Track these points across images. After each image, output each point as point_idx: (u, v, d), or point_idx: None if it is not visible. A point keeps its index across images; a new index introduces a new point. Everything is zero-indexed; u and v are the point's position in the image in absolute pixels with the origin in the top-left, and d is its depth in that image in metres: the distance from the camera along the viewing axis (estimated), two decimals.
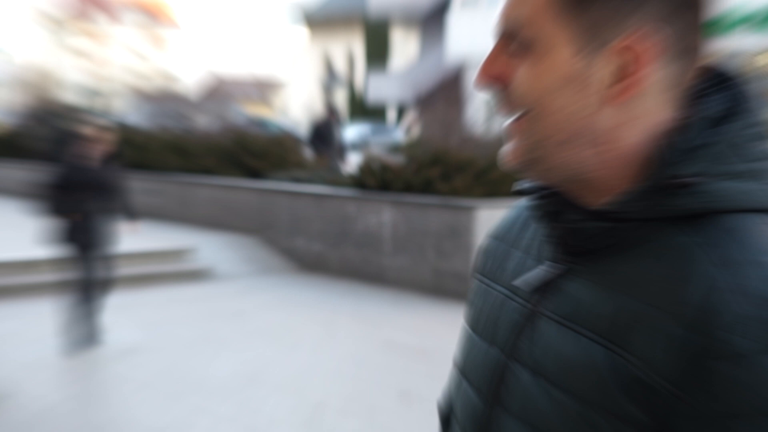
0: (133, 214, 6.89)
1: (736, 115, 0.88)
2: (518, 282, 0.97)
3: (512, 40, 0.88)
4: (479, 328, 1.03)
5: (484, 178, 9.61)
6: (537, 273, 0.95)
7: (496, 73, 0.90)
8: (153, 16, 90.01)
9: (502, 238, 1.11)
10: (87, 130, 6.56)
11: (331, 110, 17.59)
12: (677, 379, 0.76)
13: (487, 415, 0.96)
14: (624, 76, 0.84)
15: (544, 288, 0.93)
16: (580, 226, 0.90)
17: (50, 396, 5.42)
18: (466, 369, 1.04)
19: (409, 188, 9.85)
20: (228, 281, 9.52)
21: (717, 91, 0.90)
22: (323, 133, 15.11)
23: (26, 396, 5.40)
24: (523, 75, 0.87)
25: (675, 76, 0.86)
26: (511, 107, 0.90)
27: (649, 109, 0.86)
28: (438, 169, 9.74)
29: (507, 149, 0.93)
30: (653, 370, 0.77)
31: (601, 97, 0.85)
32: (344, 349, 6.81)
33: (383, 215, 9.79)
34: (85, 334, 6.36)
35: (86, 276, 6.29)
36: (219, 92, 46.24)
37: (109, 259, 6.66)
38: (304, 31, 47.04)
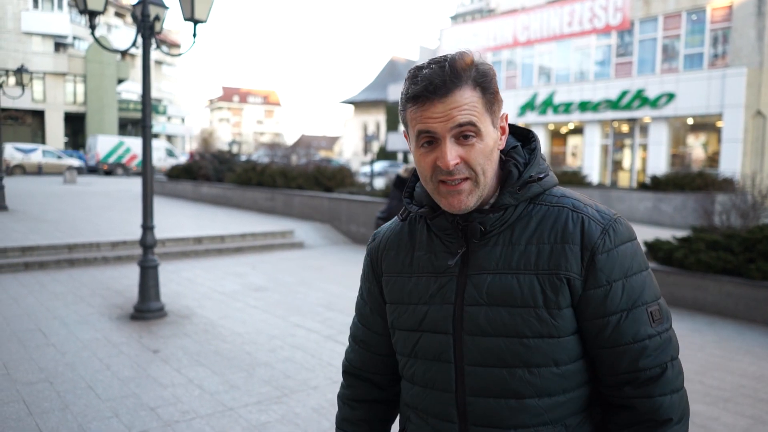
0: None
1: (531, 143, 0.98)
2: (449, 263, 0.93)
3: (463, 134, 0.87)
4: (423, 300, 0.95)
5: None
6: (456, 255, 0.93)
7: (457, 157, 0.88)
8: (266, 98, 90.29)
9: (396, 248, 1.02)
10: (403, 172, 5.20)
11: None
12: (581, 271, 0.88)
13: (454, 341, 0.92)
14: (502, 134, 0.94)
15: (462, 260, 0.93)
16: (484, 219, 0.91)
17: (213, 315, 5.36)
18: (425, 326, 0.94)
19: None
20: (313, 249, 9.45)
21: (513, 133, 1.01)
22: (402, 179, 15.33)
23: (201, 314, 5.35)
24: (476, 151, 0.88)
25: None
26: (465, 173, 0.88)
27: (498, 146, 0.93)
28: None
29: (459, 199, 0.89)
30: (572, 271, 0.87)
31: (497, 146, 0.92)
32: None
33: None
34: None
35: None
36: (303, 142, 46.24)
37: None
38: (350, 108, 46.89)
